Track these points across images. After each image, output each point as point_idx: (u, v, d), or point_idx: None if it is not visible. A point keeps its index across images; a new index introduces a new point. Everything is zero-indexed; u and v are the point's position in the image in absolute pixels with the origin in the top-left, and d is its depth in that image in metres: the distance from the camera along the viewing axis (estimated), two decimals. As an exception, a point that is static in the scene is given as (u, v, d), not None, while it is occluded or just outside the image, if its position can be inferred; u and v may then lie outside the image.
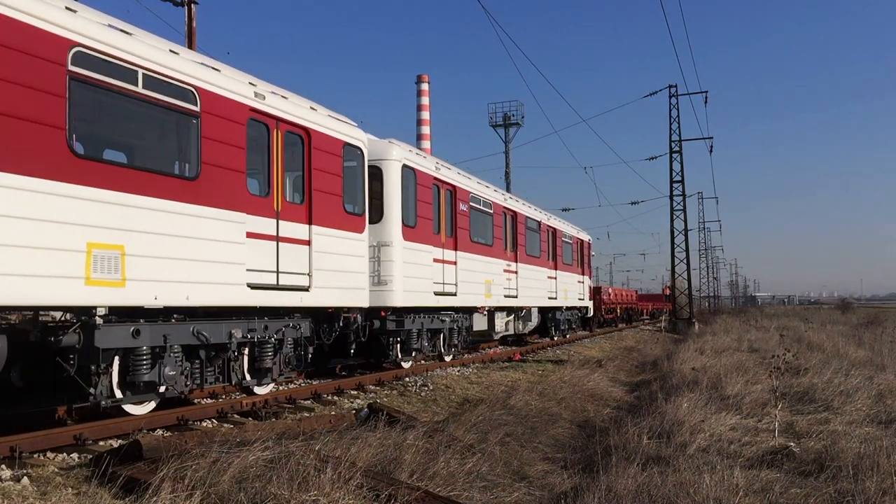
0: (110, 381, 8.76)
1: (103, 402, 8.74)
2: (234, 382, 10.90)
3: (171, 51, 9.59)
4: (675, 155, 46.11)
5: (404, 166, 15.40)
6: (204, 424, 9.72)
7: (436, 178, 17.02)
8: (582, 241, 33.28)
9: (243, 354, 10.91)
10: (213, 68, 10.30)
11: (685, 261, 47.20)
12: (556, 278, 27.84)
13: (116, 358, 8.79)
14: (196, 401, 11.04)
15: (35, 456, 7.41)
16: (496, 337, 23.10)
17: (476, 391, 14.62)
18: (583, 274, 33.09)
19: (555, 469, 8.82)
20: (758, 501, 6.75)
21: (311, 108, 12.24)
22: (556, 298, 27.72)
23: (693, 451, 8.80)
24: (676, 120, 46.35)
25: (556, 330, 29.23)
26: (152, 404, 9.70)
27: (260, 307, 10.80)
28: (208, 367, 10.25)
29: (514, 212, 23.00)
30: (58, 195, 7.69)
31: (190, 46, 19.29)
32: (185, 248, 9.30)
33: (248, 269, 10.39)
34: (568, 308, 30.36)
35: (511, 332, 23.87)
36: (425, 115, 67.99)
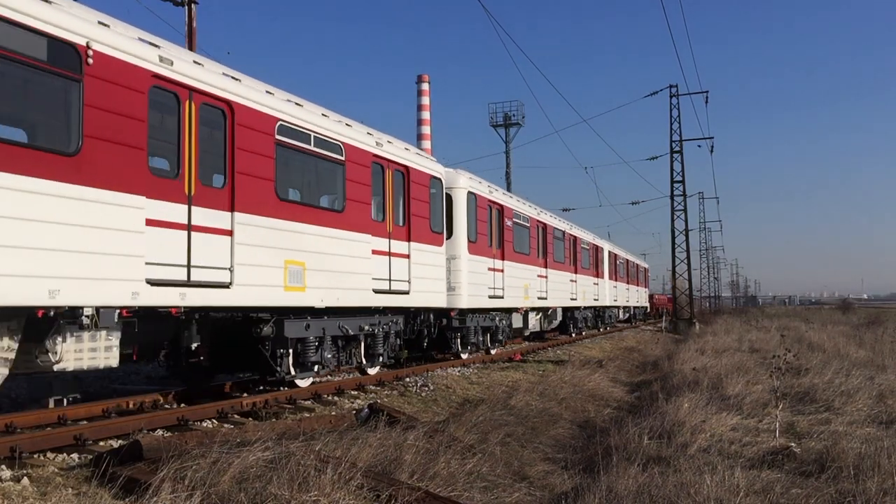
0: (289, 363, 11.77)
1: (286, 377, 11.73)
2: (354, 364, 14.01)
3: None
4: (675, 155, 46.08)
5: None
6: (204, 425, 9.70)
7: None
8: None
9: (362, 343, 13.94)
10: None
11: (686, 261, 47.26)
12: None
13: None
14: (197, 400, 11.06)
15: (35, 456, 7.38)
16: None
17: (476, 391, 14.61)
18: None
19: (555, 469, 8.82)
20: (759, 502, 6.74)
21: (406, 148, 15.69)
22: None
23: (694, 452, 8.80)
24: (677, 120, 46.35)
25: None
26: (310, 380, 12.70)
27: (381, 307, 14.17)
28: (343, 353, 13.45)
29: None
30: (266, 227, 10.78)
31: (190, 47, 19.20)
32: (335, 262, 12.43)
33: (372, 278, 13.58)
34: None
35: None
36: (426, 114, 67.90)
